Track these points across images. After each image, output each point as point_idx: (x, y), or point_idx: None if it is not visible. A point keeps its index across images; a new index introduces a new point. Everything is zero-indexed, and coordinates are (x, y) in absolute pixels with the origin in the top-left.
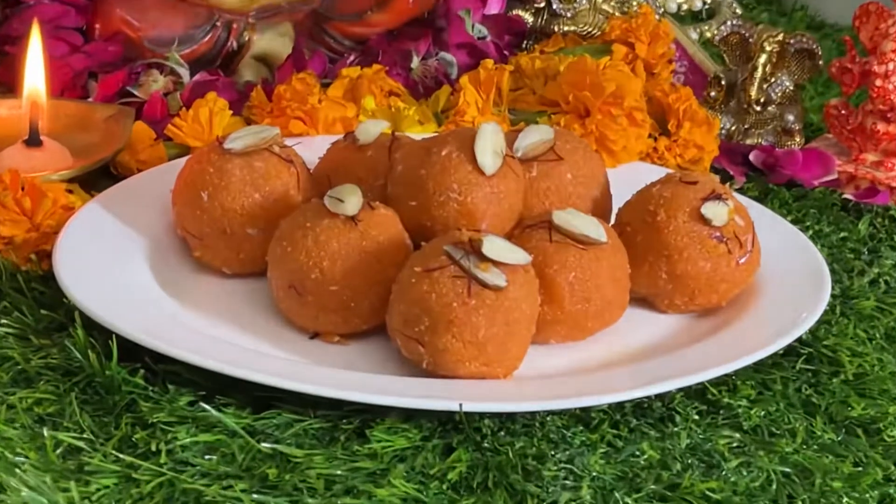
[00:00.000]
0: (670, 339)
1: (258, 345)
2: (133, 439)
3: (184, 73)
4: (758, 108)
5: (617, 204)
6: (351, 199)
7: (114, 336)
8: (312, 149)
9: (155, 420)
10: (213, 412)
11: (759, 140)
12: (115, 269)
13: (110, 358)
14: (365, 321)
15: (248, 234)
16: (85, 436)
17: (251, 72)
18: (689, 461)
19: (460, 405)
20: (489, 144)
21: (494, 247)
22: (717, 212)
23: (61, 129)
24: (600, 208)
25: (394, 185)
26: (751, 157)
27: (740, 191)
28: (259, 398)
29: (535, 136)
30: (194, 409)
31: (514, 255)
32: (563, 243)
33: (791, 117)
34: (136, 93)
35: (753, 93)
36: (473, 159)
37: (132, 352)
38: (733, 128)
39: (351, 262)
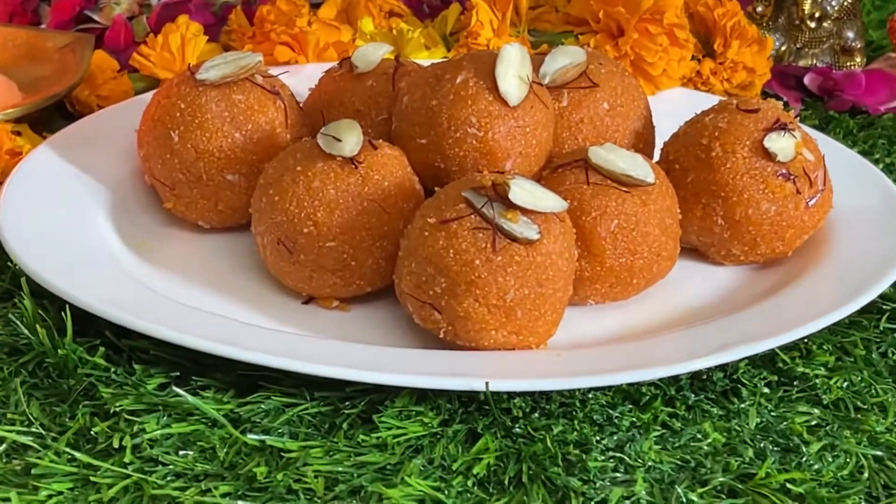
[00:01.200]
0: (729, 296)
1: (242, 313)
2: (92, 433)
3: None
4: (812, 25)
5: (658, 138)
6: (349, 138)
7: (68, 307)
8: (302, 79)
9: (118, 408)
10: (189, 398)
11: (814, 61)
12: (70, 225)
13: (64, 333)
14: (369, 282)
15: (228, 181)
16: (33, 429)
17: None
18: (762, 445)
19: (486, 383)
20: (512, 69)
21: (523, 191)
22: (782, 145)
23: (8, 60)
24: (642, 143)
25: (399, 119)
26: (805, 80)
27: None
28: (244, 378)
29: (565, 60)
30: (165, 394)
31: (547, 201)
32: (602, 185)
33: (850, 34)
34: (95, 17)
35: (807, 6)
36: (494, 87)
37: (91, 325)
38: (784, 47)
39: (350, 213)
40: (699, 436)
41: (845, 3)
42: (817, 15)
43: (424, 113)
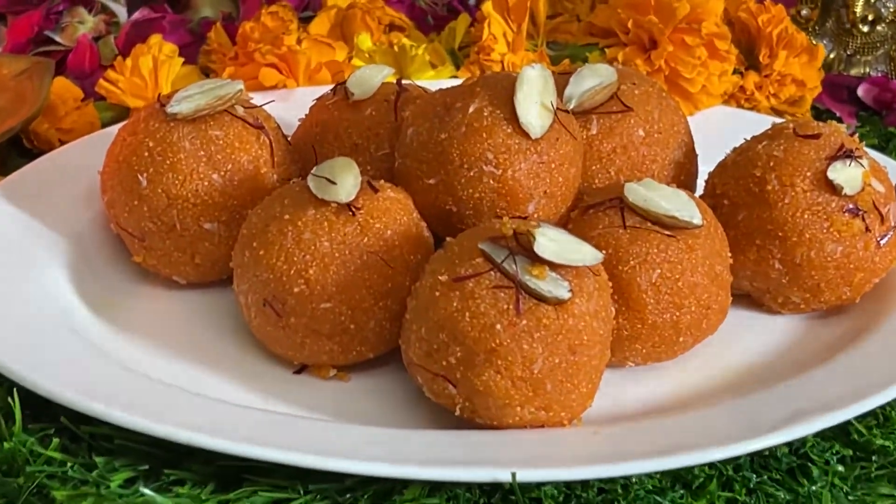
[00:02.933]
0: (789, 352)
1: (224, 388)
2: None
3: (119, 10)
4: (864, 28)
5: (700, 166)
6: (345, 179)
7: (15, 389)
8: (291, 106)
9: None
10: (158, 499)
11: (868, 70)
12: (21, 286)
13: (12, 421)
14: (371, 348)
15: (206, 231)
16: None
17: (209, 6)
18: None
19: (513, 474)
20: (534, 95)
21: (551, 242)
22: (848, 175)
23: None
24: (683, 174)
25: (404, 155)
26: (859, 92)
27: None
28: (226, 470)
29: (593, 81)
30: (132, 493)
31: (579, 253)
32: (641, 229)
33: None
34: (56, 38)
35: (859, 8)
36: (513, 117)
37: (44, 409)
38: (832, 55)
39: (348, 268)
40: None
41: None
42: (870, 18)
43: (433, 148)
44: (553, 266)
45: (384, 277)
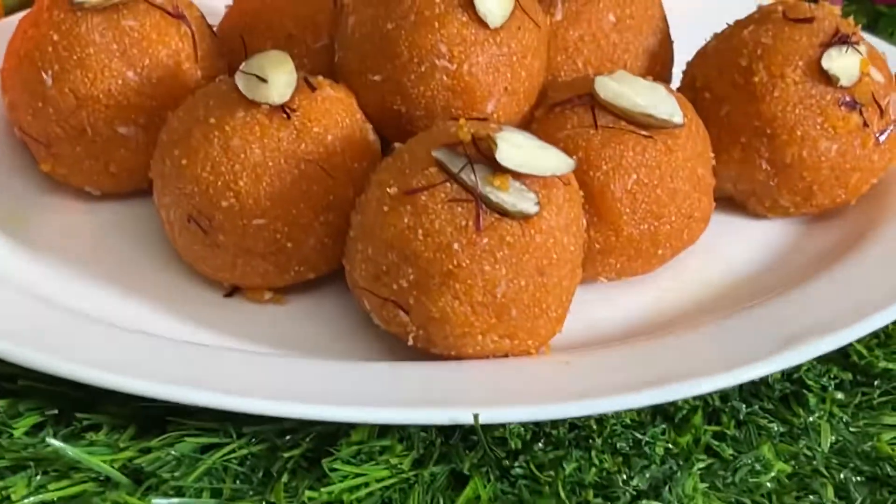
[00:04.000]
0: (779, 263)
1: (143, 313)
2: None
3: None
4: None
5: (678, 55)
6: (278, 76)
7: None
8: None
9: None
10: (69, 450)
11: None
12: None
13: None
14: (311, 268)
15: (121, 136)
16: None
17: None
18: (842, 476)
19: (475, 415)
20: None
21: (514, 149)
22: (844, 64)
23: None
24: (658, 64)
25: (345, 48)
26: None
27: None
28: (146, 412)
29: None
30: (38, 444)
31: (548, 160)
32: (615, 129)
33: None
34: None
35: None
36: (469, 2)
37: None
38: None
39: (283, 179)
40: (758, 466)
41: None
42: None
43: (377, 40)
44: (517, 175)
45: (324, 188)
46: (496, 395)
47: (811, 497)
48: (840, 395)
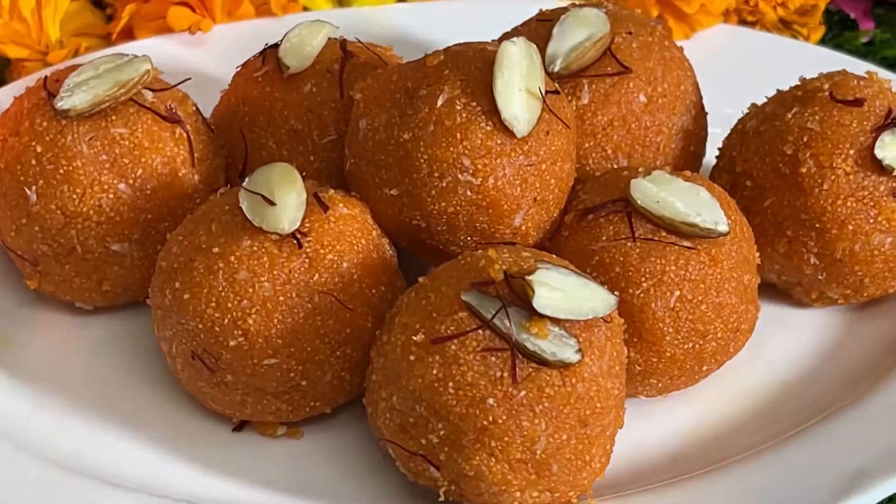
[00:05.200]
0: (831, 361)
1: (142, 454)
2: None
3: None
4: None
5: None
6: (287, 197)
7: None
8: (207, 54)
9: None
10: None
11: None
12: None
13: None
14: (327, 403)
15: (114, 253)
16: None
17: None
18: None
19: None
20: (517, 79)
21: (553, 292)
22: None
23: None
24: (693, 143)
25: (357, 155)
26: None
27: (869, 45)
28: None
29: (581, 33)
30: None
31: (590, 300)
32: (655, 242)
33: None
34: None
35: None
36: (493, 108)
37: None
38: None
39: (296, 315)
40: None
41: None
42: None
43: (393, 151)
44: (555, 319)
45: (341, 322)
46: None
47: None
48: None
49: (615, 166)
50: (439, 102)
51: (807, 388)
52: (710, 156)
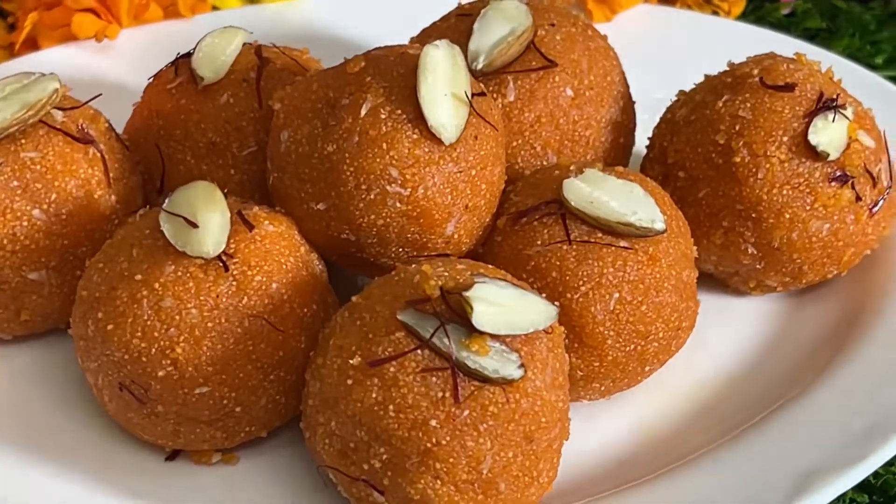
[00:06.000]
0: (770, 353)
1: (72, 488)
2: None
3: None
4: None
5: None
6: (210, 218)
7: None
8: (115, 62)
9: None
10: None
11: None
12: None
13: None
14: (263, 427)
15: (32, 282)
16: None
17: None
18: None
19: None
20: (442, 84)
21: (491, 308)
22: (832, 134)
23: None
24: (622, 135)
25: (280, 168)
26: None
27: (791, 17)
28: None
29: (502, 28)
30: None
31: (530, 312)
32: (591, 244)
33: None
34: None
35: None
36: (418, 116)
37: None
38: None
39: (226, 341)
40: None
41: None
42: None
43: (318, 164)
44: (496, 335)
45: (273, 345)
46: None
47: None
48: None
49: (545, 163)
50: (363, 112)
51: (751, 381)
52: (640, 144)
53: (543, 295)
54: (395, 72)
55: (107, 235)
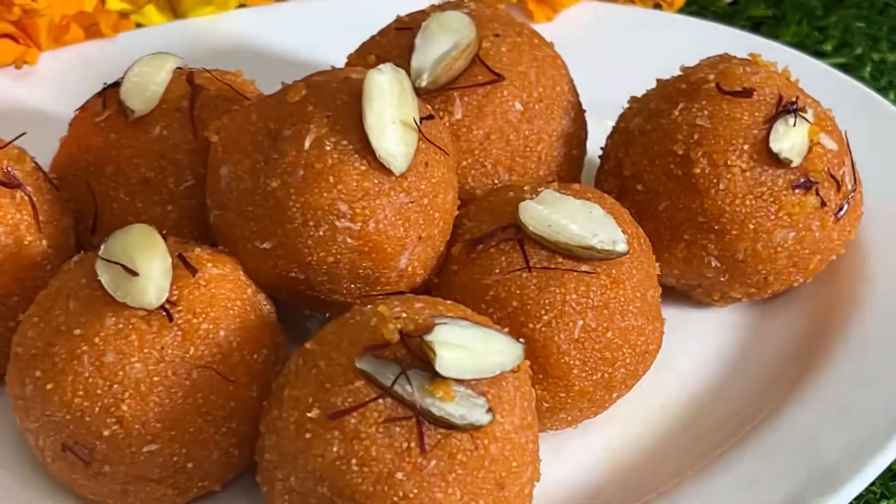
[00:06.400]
0: (738, 368)
1: None
2: None
3: None
4: None
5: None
6: (150, 265)
7: None
8: (36, 88)
9: None
10: None
11: None
12: None
13: None
14: (217, 480)
15: None
16: None
17: None
18: None
19: None
20: (389, 111)
21: (454, 350)
22: (794, 139)
23: None
24: (575, 147)
25: (221, 206)
26: None
27: (734, 5)
28: None
29: (445, 41)
30: None
31: (497, 354)
32: (551, 270)
33: None
34: None
35: None
36: (365, 146)
37: None
38: None
39: (174, 395)
40: None
41: None
42: None
43: (261, 201)
44: (459, 381)
45: (224, 396)
46: None
47: None
48: None
49: (496, 182)
50: (307, 144)
51: (722, 399)
52: (591, 152)
53: (506, 329)
54: (338, 99)
55: (39, 283)
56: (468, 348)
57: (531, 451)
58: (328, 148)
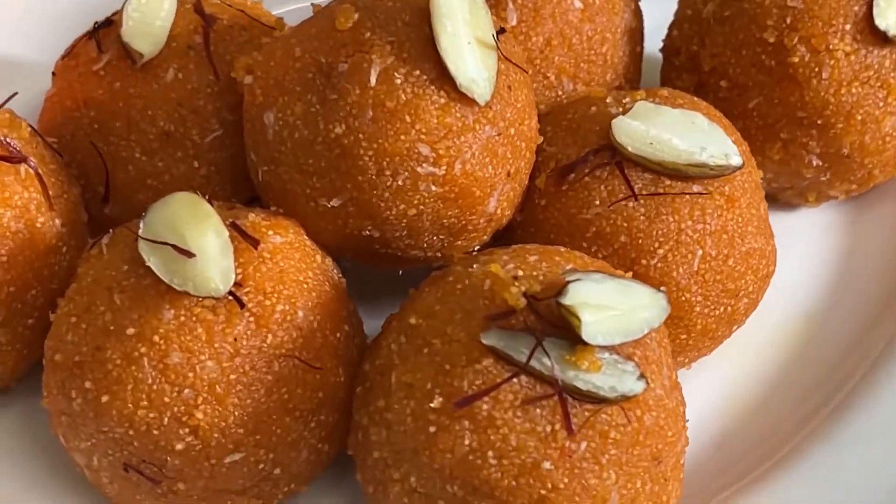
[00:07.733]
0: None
1: None
2: None
3: None
4: None
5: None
6: (205, 244)
7: None
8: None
9: None
10: None
11: None
12: None
13: None
14: (305, 481)
15: None
16: None
17: None
18: None
19: None
20: (463, 28)
21: (597, 312)
22: None
23: None
24: (638, 43)
25: (271, 160)
26: None
27: None
28: None
29: None
30: None
31: (638, 309)
32: (661, 197)
33: None
34: None
35: None
36: (442, 74)
37: None
38: None
39: (256, 392)
40: None
41: None
42: None
43: (323, 151)
44: (604, 347)
45: (311, 387)
46: None
47: None
48: None
49: (560, 94)
50: (372, 79)
51: (834, 319)
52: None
53: (629, 273)
54: (399, 21)
55: (56, 270)
56: (612, 308)
57: (682, 415)
58: (398, 81)
